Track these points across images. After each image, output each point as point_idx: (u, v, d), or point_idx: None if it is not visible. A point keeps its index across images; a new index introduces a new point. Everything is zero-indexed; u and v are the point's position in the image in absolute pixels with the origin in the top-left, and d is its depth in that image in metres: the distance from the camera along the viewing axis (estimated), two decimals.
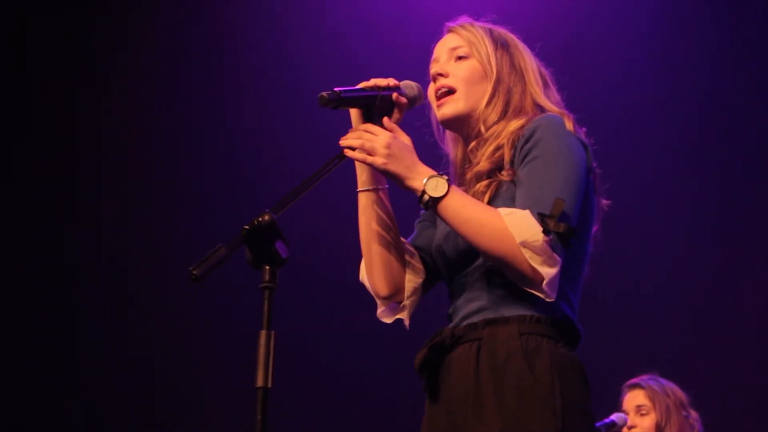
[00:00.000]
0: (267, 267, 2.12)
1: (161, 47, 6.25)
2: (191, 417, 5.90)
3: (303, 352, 5.66)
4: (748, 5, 5.92)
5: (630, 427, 4.80)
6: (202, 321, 5.99)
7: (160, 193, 6.17)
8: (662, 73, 5.95)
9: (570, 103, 2.66)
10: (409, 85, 2.55)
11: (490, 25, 2.66)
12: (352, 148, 2.39)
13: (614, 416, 4.70)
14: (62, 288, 6.06)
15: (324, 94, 2.37)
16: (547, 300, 2.34)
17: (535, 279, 2.32)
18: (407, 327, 2.59)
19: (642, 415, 4.78)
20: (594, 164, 2.51)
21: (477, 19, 2.67)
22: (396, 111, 2.52)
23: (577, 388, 2.39)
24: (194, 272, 2.05)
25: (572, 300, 2.46)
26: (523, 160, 2.43)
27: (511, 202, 2.39)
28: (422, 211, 2.66)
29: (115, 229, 6.11)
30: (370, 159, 2.38)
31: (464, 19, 2.67)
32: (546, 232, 2.30)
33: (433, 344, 2.45)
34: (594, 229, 2.52)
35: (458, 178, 2.64)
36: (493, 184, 2.45)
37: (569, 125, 2.47)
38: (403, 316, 2.59)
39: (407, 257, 2.58)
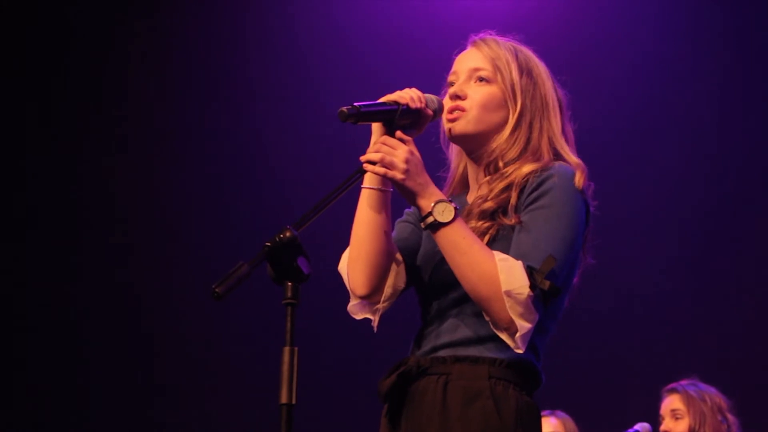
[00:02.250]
0: (289, 283, 2.12)
1: (168, 53, 6.27)
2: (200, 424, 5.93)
3: (321, 365, 5.66)
4: (756, 10, 5.87)
5: (665, 431, 4.79)
6: (226, 334, 5.99)
7: (167, 197, 6.18)
8: (670, 77, 5.93)
9: (575, 108, 2.63)
10: (431, 99, 2.52)
11: (515, 43, 2.61)
12: (372, 162, 2.38)
13: (638, 426, 4.70)
14: (66, 288, 6.08)
15: (344, 109, 2.35)
16: (516, 351, 2.37)
17: (510, 329, 2.35)
18: (375, 330, 2.59)
19: (677, 419, 4.79)
20: (591, 223, 2.52)
21: (503, 35, 2.62)
22: (417, 125, 2.50)
23: None
24: (216, 290, 2.06)
25: (539, 350, 2.48)
26: (527, 206, 2.43)
27: (508, 247, 2.41)
28: (406, 210, 2.66)
29: (124, 232, 6.14)
30: (390, 173, 2.38)
31: (490, 35, 2.62)
32: (532, 287, 2.32)
33: (400, 372, 2.46)
34: (575, 280, 2.53)
35: (451, 189, 2.65)
36: (494, 227, 2.45)
37: (580, 181, 2.47)
38: (375, 318, 2.58)
39: (395, 262, 2.57)
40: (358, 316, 2.61)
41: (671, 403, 4.83)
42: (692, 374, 4.87)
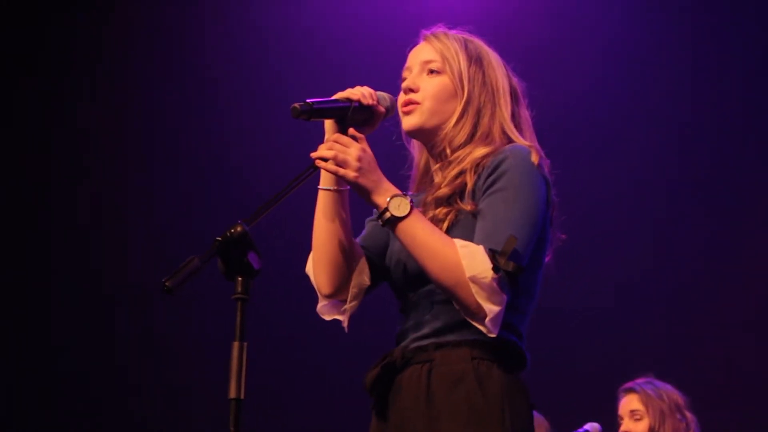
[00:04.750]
0: (240, 278, 2.13)
1: (138, 53, 6.27)
2: (166, 426, 5.93)
3: (279, 360, 5.67)
4: (733, 11, 5.91)
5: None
6: (176, 329, 5.99)
7: (137, 197, 6.19)
8: (642, 74, 5.96)
9: (546, 107, 2.66)
10: (383, 97, 2.54)
11: (465, 35, 2.64)
12: (324, 159, 2.39)
13: (588, 426, 4.70)
14: (44, 292, 6.09)
15: (296, 105, 2.36)
16: (489, 335, 2.37)
17: (479, 314, 2.35)
18: (346, 330, 2.61)
19: (636, 420, 4.78)
20: (554, 198, 2.52)
21: (453, 28, 2.64)
22: (370, 122, 2.52)
23: (523, 412, 2.43)
24: (167, 284, 2.06)
25: (520, 331, 2.49)
26: (485, 192, 2.44)
27: (468, 232, 2.41)
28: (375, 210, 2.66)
29: (93, 231, 6.14)
30: (342, 171, 2.39)
31: (440, 29, 2.65)
32: (495, 269, 2.32)
33: (385, 364, 2.47)
34: (547, 259, 2.54)
35: (417, 184, 2.66)
36: (452, 213, 2.46)
37: (535, 159, 2.47)
38: (344, 318, 2.60)
39: (356, 261, 2.58)
40: (328, 317, 2.62)
41: (629, 403, 4.82)
42: (648, 372, 4.88)
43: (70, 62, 6.24)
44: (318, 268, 2.57)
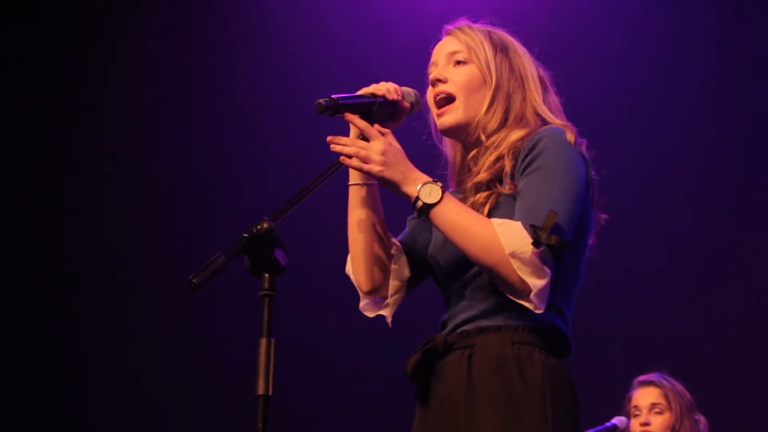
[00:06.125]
0: (266, 275, 2.13)
1: (157, 50, 6.27)
2: (192, 423, 5.93)
3: (304, 358, 5.66)
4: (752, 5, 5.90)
5: (644, 424, 4.77)
6: (203, 326, 5.99)
7: (158, 196, 6.18)
8: (662, 68, 5.94)
9: (567, 102, 2.65)
10: (408, 92, 2.54)
11: (489, 27, 2.64)
12: (348, 156, 2.39)
13: (615, 420, 4.66)
14: (63, 288, 6.08)
15: (321, 101, 2.36)
16: (536, 312, 2.35)
17: (523, 290, 2.33)
18: (390, 325, 2.60)
19: (656, 413, 4.75)
20: (594, 177, 2.51)
21: (475, 21, 2.65)
22: (395, 117, 2.52)
23: (567, 398, 2.41)
24: (193, 281, 2.07)
25: (565, 313, 2.47)
26: (523, 172, 2.43)
27: (509, 214, 2.39)
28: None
29: (115, 231, 6.14)
30: (366, 167, 2.39)
31: (463, 22, 2.65)
32: (536, 243, 2.30)
33: (426, 349, 2.46)
34: (590, 241, 2.52)
35: (456, 180, 2.65)
36: (493, 196, 2.45)
37: (571, 138, 2.47)
38: (386, 313, 2.60)
39: (393, 254, 2.58)
40: (371, 314, 2.63)
41: (649, 395, 4.78)
42: (661, 368, 4.86)
43: (89, 63, 6.25)
44: (355, 264, 2.58)
